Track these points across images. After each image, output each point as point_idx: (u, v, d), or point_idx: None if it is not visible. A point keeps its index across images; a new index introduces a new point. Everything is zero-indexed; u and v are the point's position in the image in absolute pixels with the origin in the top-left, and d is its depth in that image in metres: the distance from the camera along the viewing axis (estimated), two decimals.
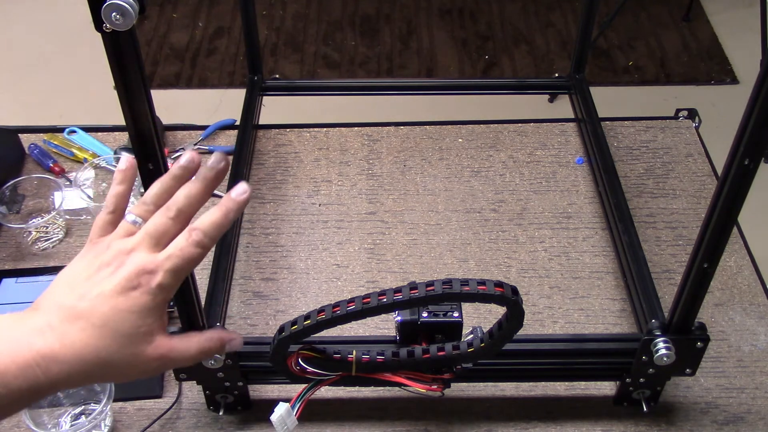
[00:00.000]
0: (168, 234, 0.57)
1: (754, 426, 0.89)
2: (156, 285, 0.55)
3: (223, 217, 0.58)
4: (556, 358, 0.86)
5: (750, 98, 0.62)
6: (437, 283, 0.66)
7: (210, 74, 2.66)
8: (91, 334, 0.53)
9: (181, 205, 0.58)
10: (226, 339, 0.63)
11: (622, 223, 1.02)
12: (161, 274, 0.55)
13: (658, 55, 2.72)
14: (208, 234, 0.57)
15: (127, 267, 0.55)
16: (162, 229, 0.57)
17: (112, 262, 0.55)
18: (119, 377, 0.57)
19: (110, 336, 0.54)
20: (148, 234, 0.56)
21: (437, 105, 1.95)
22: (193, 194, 0.58)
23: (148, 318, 0.55)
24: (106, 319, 0.54)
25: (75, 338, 0.53)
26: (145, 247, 0.56)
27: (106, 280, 0.55)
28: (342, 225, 1.12)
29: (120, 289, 0.54)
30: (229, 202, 0.59)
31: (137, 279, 0.55)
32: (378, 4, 2.94)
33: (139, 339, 0.55)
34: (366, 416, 0.90)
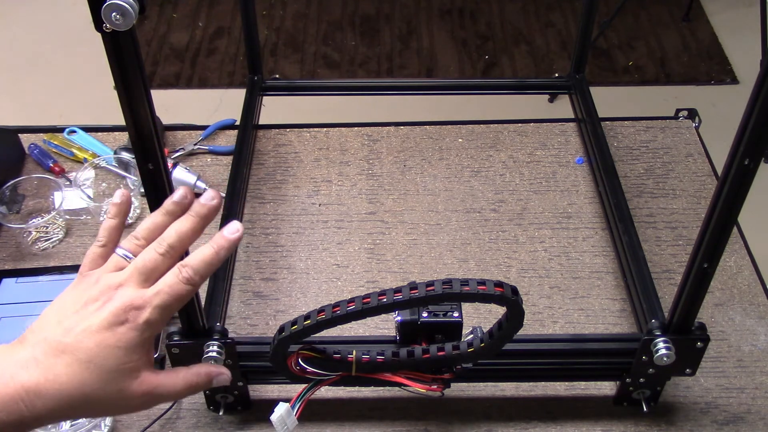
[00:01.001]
0: (158, 270, 0.56)
1: (754, 426, 0.89)
2: (143, 321, 0.54)
3: (214, 254, 0.58)
4: (556, 358, 0.86)
5: (750, 98, 0.62)
6: (437, 283, 0.66)
7: (210, 74, 2.66)
8: (76, 369, 0.53)
9: (171, 241, 0.57)
10: (213, 374, 0.63)
11: (622, 223, 1.02)
12: (149, 310, 0.55)
13: (658, 55, 2.72)
14: (199, 271, 0.57)
15: (114, 302, 0.54)
16: (151, 264, 0.56)
17: (99, 297, 0.55)
18: (104, 413, 0.57)
19: (95, 372, 0.53)
20: (138, 269, 0.56)
21: (437, 105, 1.95)
22: (185, 230, 0.58)
23: (134, 354, 0.55)
24: (91, 354, 0.53)
25: (60, 373, 0.53)
26: (134, 283, 0.56)
27: (93, 315, 0.54)
28: (342, 225, 1.12)
29: (107, 324, 0.54)
30: (221, 240, 0.58)
31: (125, 314, 0.54)
32: (378, 4, 2.94)
33: (125, 375, 0.55)
34: (366, 416, 0.90)
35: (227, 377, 0.63)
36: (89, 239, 1.10)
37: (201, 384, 0.61)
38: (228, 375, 0.63)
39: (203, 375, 0.61)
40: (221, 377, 0.63)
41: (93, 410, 0.55)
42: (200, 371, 0.61)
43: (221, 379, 0.63)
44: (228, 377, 0.63)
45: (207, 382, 0.62)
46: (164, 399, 0.59)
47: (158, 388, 0.57)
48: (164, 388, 0.58)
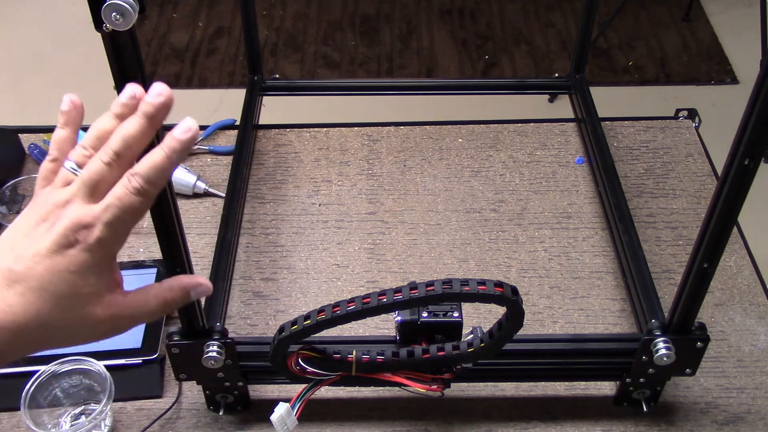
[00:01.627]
0: (105, 181, 0.50)
1: (754, 426, 0.89)
2: (94, 240, 0.49)
3: (166, 159, 0.51)
4: (556, 358, 0.86)
5: (750, 98, 0.62)
6: (437, 283, 0.66)
7: (210, 74, 2.66)
8: (30, 298, 0.49)
9: (117, 147, 0.51)
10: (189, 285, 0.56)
11: (622, 223, 1.02)
12: (99, 228, 0.49)
13: (658, 55, 2.72)
14: (149, 179, 0.50)
15: (62, 222, 0.49)
16: (97, 176, 0.50)
17: (48, 216, 0.50)
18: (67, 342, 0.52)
19: (50, 299, 0.49)
20: (84, 183, 0.50)
21: (437, 105, 1.95)
22: (131, 134, 0.51)
23: (90, 277, 0.50)
24: (43, 281, 0.49)
25: (13, 303, 0.49)
26: (81, 198, 0.50)
27: (41, 237, 0.49)
28: (342, 225, 1.12)
29: (55, 247, 0.49)
30: (172, 142, 0.51)
31: (73, 235, 0.49)
32: (378, 4, 2.94)
33: (83, 300, 0.50)
34: (366, 416, 0.90)
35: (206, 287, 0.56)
36: None
37: (177, 299, 0.55)
38: (207, 285, 0.56)
39: (177, 288, 0.55)
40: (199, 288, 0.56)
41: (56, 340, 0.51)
42: (173, 284, 0.55)
43: (200, 290, 0.56)
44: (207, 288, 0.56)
45: (183, 296, 0.56)
46: (137, 320, 0.54)
47: (126, 310, 0.53)
48: (133, 309, 0.53)
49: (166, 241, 0.73)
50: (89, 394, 0.89)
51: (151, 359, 0.92)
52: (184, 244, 0.74)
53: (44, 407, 0.86)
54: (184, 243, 0.74)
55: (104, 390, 0.85)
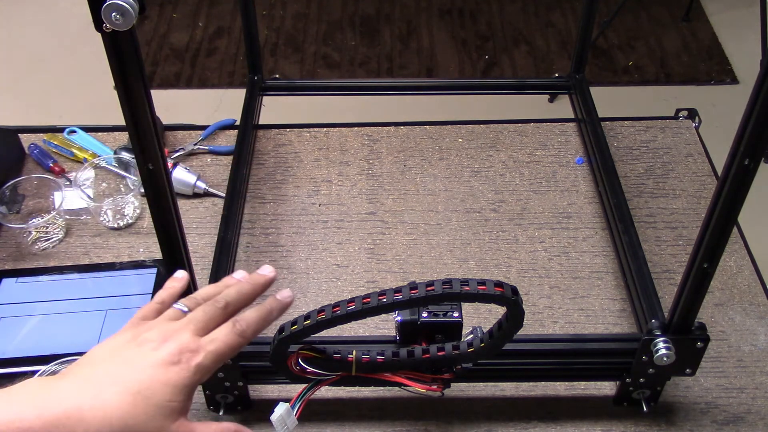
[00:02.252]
0: (214, 321, 0.60)
1: (754, 426, 0.89)
2: (195, 364, 0.57)
3: (267, 313, 0.63)
4: (556, 358, 0.86)
5: (750, 98, 0.62)
6: (437, 283, 0.66)
7: (210, 74, 2.66)
8: (125, 398, 0.54)
9: (230, 298, 0.62)
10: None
11: (622, 223, 1.02)
12: (203, 355, 0.57)
13: (658, 55, 2.72)
14: (251, 325, 0.61)
15: (171, 343, 0.57)
16: (209, 316, 0.60)
17: (156, 338, 0.58)
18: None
19: (142, 404, 0.55)
20: (196, 318, 0.60)
21: (437, 105, 1.95)
22: (243, 292, 0.64)
23: (180, 395, 0.56)
24: (142, 387, 0.55)
25: (107, 400, 0.54)
26: (191, 331, 0.59)
27: (149, 352, 0.57)
28: (342, 225, 1.12)
29: (161, 362, 0.56)
30: (275, 303, 0.64)
31: (179, 355, 0.57)
32: (378, 4, 2.94)
33: (168, 413, 0.56)
34: (366, 416, 0.90)
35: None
36: (89, 239, 1.10)
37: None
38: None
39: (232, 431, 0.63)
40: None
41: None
42: (230, 428, 0.62)
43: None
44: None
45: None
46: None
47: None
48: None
49: (166, 241, 0.73)
50: None
51: None
52: (184, 244, 0.74)
53: None
54: (184, 243, 0.74)
55: None
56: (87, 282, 1.02)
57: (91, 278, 1.02)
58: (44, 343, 0.93)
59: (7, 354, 0.92)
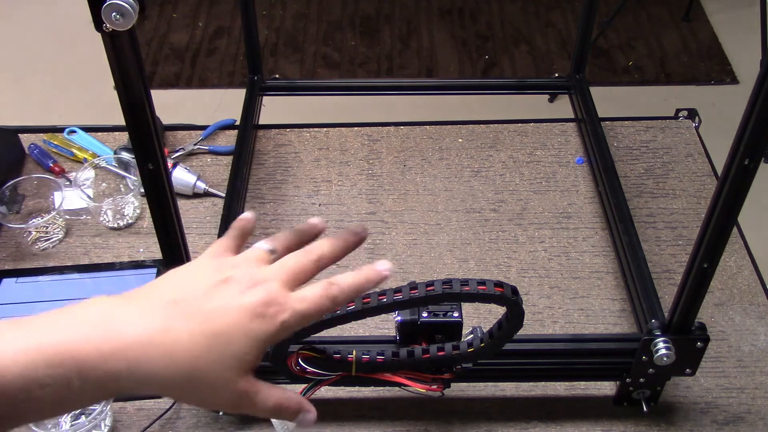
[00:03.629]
0: (305, 275, 0.55)
1: (754, 426, 0.89)
2: (281, 321, 0.51)
3: (364, 281, 0.58)
4: (556, 358, 0.86)
5: (750, 98, 0.62)
6: (437, 283, 0.66)
7: (210, 74, 2.66)
8: (200, 338, 0.48)
9: (324, 251, 0.58)
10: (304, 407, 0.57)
11: (622, 223, 1.02)
12: (289, 312, 0.52)
13: (657, 55, 2.72)
14: (345, 292, 0.56)
15: (258, 292, 0.51)
16: (300, 268, 0.55)
17: (242, 281, 0.52)
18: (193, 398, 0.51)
19: (217, 350, 0.49)
20: (287, 267, 0.55)
21: (437, 105, 1.95)
22: (336, 247, 0.59)
23: (258, 349, 0.51)
24: (222, 330, 0.49)
25: (178, 337, 0.48)
26: (280, 282, 0.53)
27: (234, 295, 0.51)
28: (342, 225, 1.12)
29: (246, 310, 0.50)
30: (372, 273, 0.58)
31: (266, 307, 0.51)
32: (378, 4, 2.94)
33: (241, 366, 0.51)
34: (366, 416, 0.90)
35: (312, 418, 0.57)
36: (89, 239, 1.10)
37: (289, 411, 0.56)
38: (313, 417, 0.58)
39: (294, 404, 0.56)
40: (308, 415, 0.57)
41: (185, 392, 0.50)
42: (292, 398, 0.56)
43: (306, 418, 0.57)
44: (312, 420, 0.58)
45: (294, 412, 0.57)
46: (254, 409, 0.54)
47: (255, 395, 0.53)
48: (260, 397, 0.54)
49: (167, 240, 0.73)
50: None
51: None
52: (184, 244, 0.74)
53: None
54: (184, 243, 0.74)
55: None
56: (87, 282, 1.02)
57: (91, 278, 1.02)
58: None
59: None
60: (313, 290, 0.54)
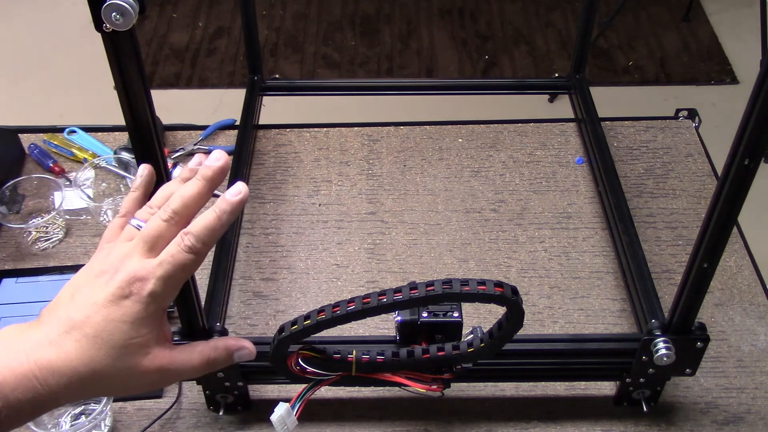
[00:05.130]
0: (162, 238, 0.54)
1: (754, 426, 0.89)
2: (147, 293, 0.52)
3: (217, 220, 0.54)
4: (556, 358, 0.86)
5: (750, 98, 0.62)
6: (437, 283, 0.66)
7: (210, 74, 2.66)
8: (85, 345, 0.51)
9: (176, 206, 0.55)
10: (233, 347, 0.58)
11: (622, 223, 1.02)
12: (153, 282, 0.52)
13: (657, 55, 2.72)
14: (201, 238, 0.54)
15: (120, 274, 0.53)
16: (155, 233, 0.54)
17: (109, 269, 0.53)
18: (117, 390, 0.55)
19: (103, 347, 0.52)
20: (142, 238, 0.54)
21: (437, 105, 1.95)
22: (189, 195, 0.55)
23: (141, 328, 0.52)
24: (98, 329, 0.52)
25: (70, 349, 0.51)
26: (139, 253, 0.53)
27: (101, 288, 0.53)
28: (342, 225, 1.12)
29: (112, 297, 0.52)
30: (224, 204, 0.55)
31: (129, 287, 0.52)
32: (378, 4, 2.94)
33: (134, 351, 0.53)
34: (366, 416, 0.90)
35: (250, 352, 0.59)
36: (89, 239, 1.10)
37: (220, 359, 0.58)
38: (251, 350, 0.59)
39: (222, 349, 0.58)
40: (243, 352, 0.59)
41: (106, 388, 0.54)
42: (218, 345, 0.58)
43: (243, 354, 0.58)
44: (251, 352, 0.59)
45: (227, 357, 0.58)
46: (182, 376, 0.56)
47: (172, 364, 0.55)
48: (179, 364, 0.55)
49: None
50: None
51: None
52: None
53: None
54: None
55: None
56: None
57: None
58: None
59: None
60: (168, 250, 0.53)
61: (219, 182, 0.56)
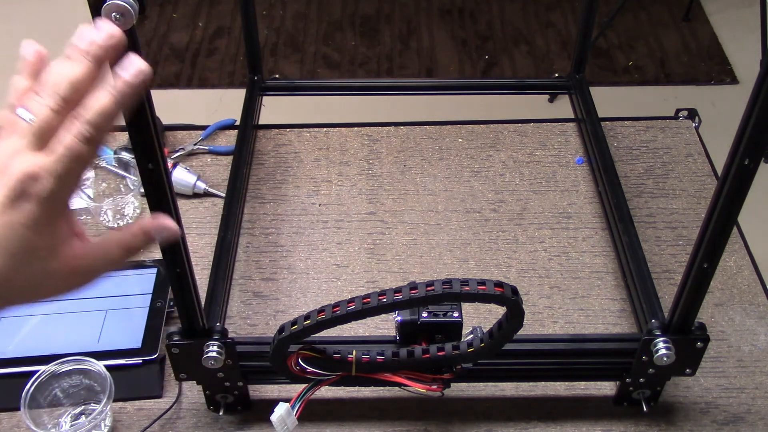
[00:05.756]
0: (52, 128, 0.48)
1: (754, 426, 0.89)
2: (44, 192, 0.47)
3: (113, 102, 0.48)
4: (556, 358, 0.86)
5: (750, 98, 0.62)
6: (437, 283, 0.66)
7: (210, 74, 2.66)
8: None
9: (64, 92, 0.48)
10: (151, 228, 0.53)
11: (622, 223, 1.02)
12: (47, 179, 0.47)
13: (658, 55, 2.72)
14: (95, 124, 0.47)
15: (10, 174, 0.47)
16: (45, 124, 0.48)
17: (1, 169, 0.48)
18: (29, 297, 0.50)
19: (4, 254, 0.47)
20: (32, 132, 0.48)
21: (437, 105, 1.95)
22: (78, 77, 0.49)
23: (42, 231, 0.48)
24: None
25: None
26: (29, 148, 0.47)
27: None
28: (342, 225, 1.12)
29: (7, 201, 0.47)
30: (120, 83, 0.48)
31: (22, 187, 0.46)
32: (378, 4, 2.94)
33: (39, 255, 0.48)
34: (366, 416, 0.90)
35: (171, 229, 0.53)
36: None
37: (139, 243, 0.53)
38: (172, 227, 0.54)
39: (138, 233, 0.52)
40: (163, 231, 0.53)
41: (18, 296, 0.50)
42: (134, 229, 0.52)
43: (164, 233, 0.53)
44: (172, 230, 0.54)
45: (146, 239, 0.53)
46: (100, 271, 0.52)
47: (85, 261, 0.50)
48: (94, 260, 0.51)
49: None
50: (89, 394, 0.89)
51: (151, 359, 0.92)
52: (184, 244, 0.74)
53: (44, 407, 0.86)
54: (184, 243, 0.74)
55: (104, 390, 0.85)
56: None
57: None
58: (44, 343, 0.93)
59: (7, 354, 0.92)
60: (59, 139, 0.47)
61: (112, 60, 0.50)
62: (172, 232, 0.54)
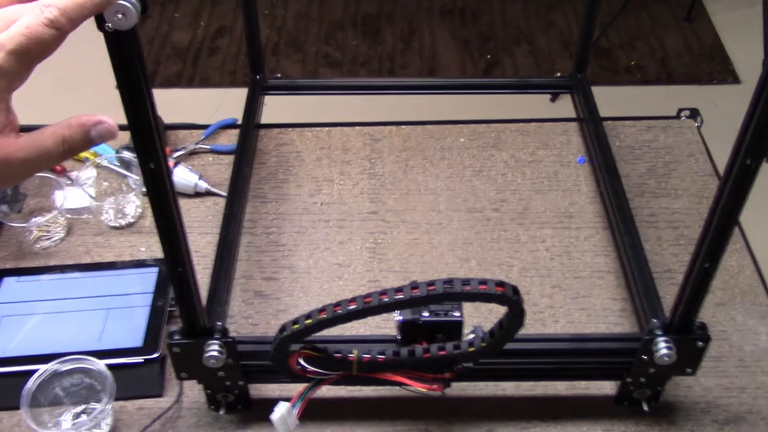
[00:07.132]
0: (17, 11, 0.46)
1: (755, 426, 0.89)
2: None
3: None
4: (557, 358, 0.86)
5: (752, 98, 0.62)
6: (438, 283, 0.66)
7: (212, 73, 2.66)
8: None
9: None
10: (89, 122, 0.51)
11: (623, 222, 1.02)
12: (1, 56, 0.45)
13: (659, 55, 2.71)
14: (66, 12, 0.45)
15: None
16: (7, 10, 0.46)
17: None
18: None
19: None
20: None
21: (439, 104, 1.95)
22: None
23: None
24: None
25: None
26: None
27: None
28: (344, 224, 1.12)
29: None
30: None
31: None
32: (379, 4, 2.94)
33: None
34: (367, 416, 0.90)
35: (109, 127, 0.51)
36: (91, 238, 1.10)
37: (75, 137, 0.50)
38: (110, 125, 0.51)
39: (75, 126, 0.50)
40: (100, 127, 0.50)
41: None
42: (71, 122, 0.50)
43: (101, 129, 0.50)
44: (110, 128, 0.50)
45: (82, 134, 0.50)
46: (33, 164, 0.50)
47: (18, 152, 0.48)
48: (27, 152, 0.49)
49: (168, 240, 0.73)
50: (90, 393, 0.89)
51: (152, 358, 0.92)
52: (186, 244, 0.74)
53: (45, 406, 0.86)
54: (185, 242, 0.74)
55: (105, 389, 0.85)
56: (88, 281, 1.02)
57: (93, 277, 1.02)
58: (45, 342, 0.93)
59: (7, 353, 0.93)
60: (24, 21, 0.45)
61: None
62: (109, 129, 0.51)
